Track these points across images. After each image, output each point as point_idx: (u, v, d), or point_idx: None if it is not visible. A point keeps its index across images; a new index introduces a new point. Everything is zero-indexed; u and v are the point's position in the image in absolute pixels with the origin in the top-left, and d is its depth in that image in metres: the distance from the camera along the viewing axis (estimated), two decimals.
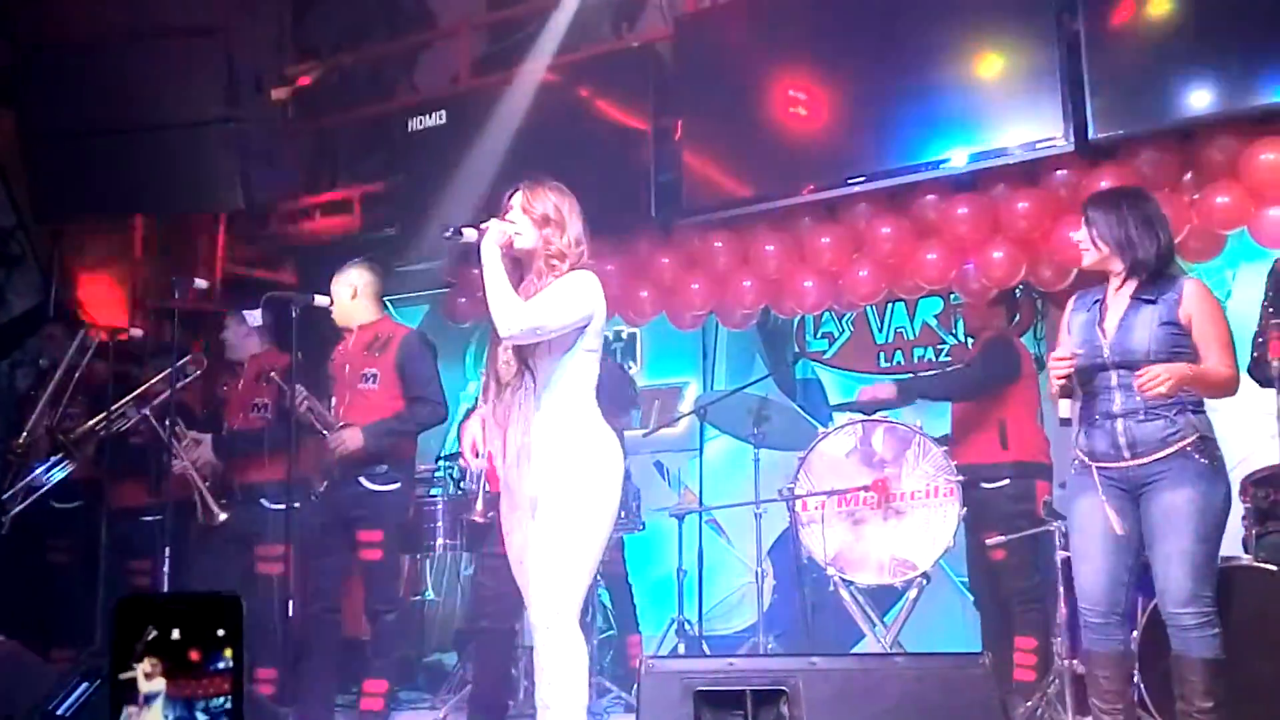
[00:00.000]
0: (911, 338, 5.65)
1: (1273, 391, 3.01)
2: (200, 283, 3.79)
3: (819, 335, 5.90)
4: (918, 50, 4.59)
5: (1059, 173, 4.34)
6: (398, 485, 4.11)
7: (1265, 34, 3.88)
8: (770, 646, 4.75)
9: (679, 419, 5.80)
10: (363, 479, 4.03)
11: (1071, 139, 4.20)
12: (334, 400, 4.14)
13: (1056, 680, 3.70)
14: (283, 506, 3.69)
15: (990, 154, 4.42)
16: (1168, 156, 4.18)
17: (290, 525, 3.66)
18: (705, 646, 4.97)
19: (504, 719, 4.02)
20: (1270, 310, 3.00)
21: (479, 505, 3.71)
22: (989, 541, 4.10)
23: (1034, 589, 4.08)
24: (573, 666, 2.65)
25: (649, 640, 5.21)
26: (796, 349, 5.92)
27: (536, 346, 2.81)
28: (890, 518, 4.25)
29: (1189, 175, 4.18)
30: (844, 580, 4.29)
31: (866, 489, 4.25)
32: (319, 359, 4.24)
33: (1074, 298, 3.28)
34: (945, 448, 4.27)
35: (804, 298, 4.96)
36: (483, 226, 2.81)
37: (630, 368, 6.16)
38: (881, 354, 5.72)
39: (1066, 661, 3.65)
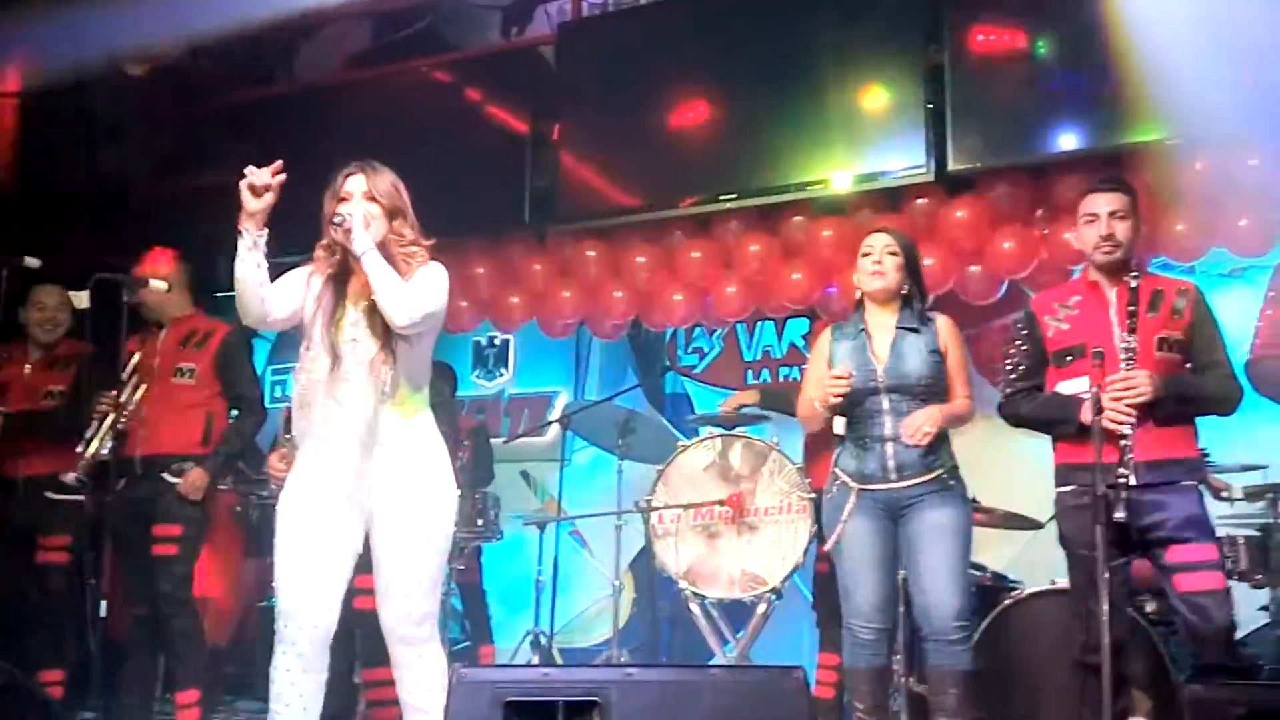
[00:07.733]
0: (779, 356, 5.73)
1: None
2: (31, 261, 3.56)
3: (690, 350, 5.93)
4: (796, 73, 4.65)
5: (919, 201, 4.44)
6: None
7: (1115, 78, 4.05)
8: (625, 661, 4.72)
9: (544, 426, 5.75)
10: (165, 473, 3.86)
11: (933, 169, 4.31)
12: (134, 392, 3.93)
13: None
14: (69, 498, 3.56)
15: (858, 179, 4.50)
16: (1021, 191, 4.32)
17: (82, 517, 3.55)
18: (559, 659, 4.91)
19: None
20: (1017, 349, 3.12)
21: None
22: (819, 554, 4.15)
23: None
24: (444, 670, 2.67)
25: (504, 652, 5.12)
26: (666, 362, 5.94)
27: (401, 336, 2.69)
28: (744, 533, 4.26)
29: (1040, 211, 4.32)
30: (695, 594, 4.29)
31: (721, 503, 4.26)
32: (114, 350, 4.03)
33: (830, 328, 3.41)
34: (800, 465, 4.31)
35: (673, 311, 4.97)
36: (346, 224, 2.66)
37: (502, 374, 6.08)
38: (749, 371, 5.77)
39: (904, 679, 3.71)
